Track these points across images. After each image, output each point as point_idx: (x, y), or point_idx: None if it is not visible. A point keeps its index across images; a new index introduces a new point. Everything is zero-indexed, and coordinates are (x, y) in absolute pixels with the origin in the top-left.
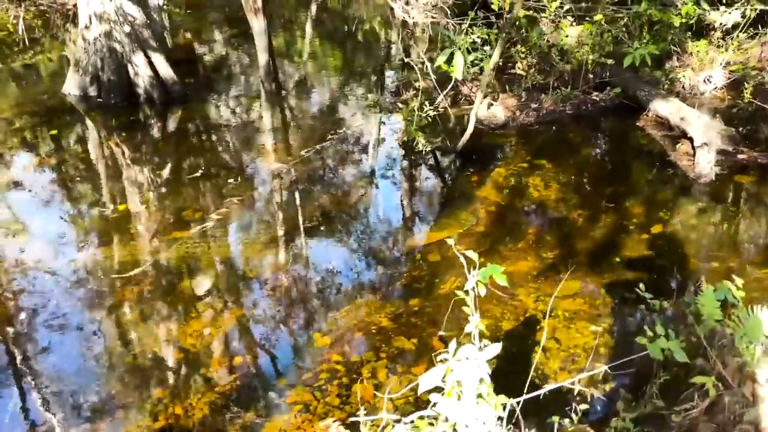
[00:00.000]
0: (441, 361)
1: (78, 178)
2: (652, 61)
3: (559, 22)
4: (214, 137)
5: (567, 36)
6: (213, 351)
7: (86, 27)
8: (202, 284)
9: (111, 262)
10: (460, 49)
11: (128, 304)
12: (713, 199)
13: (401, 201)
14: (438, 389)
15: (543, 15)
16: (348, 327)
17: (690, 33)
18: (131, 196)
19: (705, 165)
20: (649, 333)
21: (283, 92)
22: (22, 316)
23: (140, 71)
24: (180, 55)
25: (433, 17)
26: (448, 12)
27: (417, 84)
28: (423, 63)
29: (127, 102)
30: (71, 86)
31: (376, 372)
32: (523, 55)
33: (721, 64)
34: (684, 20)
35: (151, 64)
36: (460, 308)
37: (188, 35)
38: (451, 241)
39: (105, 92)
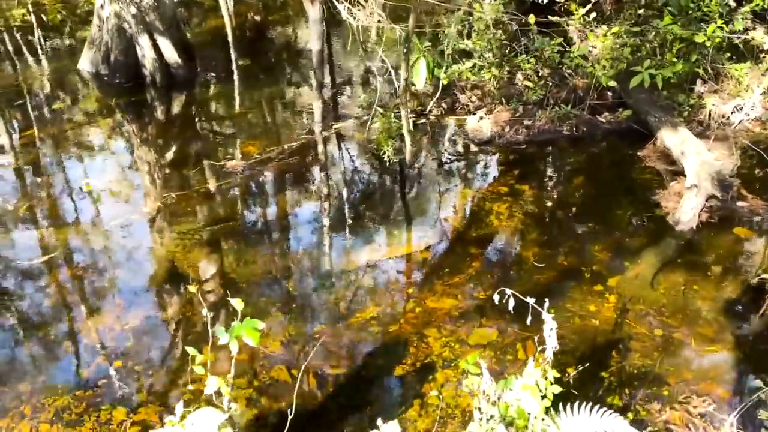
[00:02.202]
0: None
1: (55, 156)
2: (678, 84)
3: (591, 31)
4: (200, 127)
5: (594, 47)
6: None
7: (101, 6)
8: (104, 277)
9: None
10: (425, 55)
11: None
12: (687, 251)
13: (349, 214)
14: None
15: (570, 22)
16: (241, 347)
17: (730, 54)
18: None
19: (688, 210)
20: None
21: (334, 84)
22: None
23: (146, 53)
24: (243, 37)
25: (379, 21)
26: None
27: (413, 88)
28: (387, 70)
29: (133, 83)
30: (85, 63)
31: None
32: (529, 66)
33: (759, 92)
34: (717, 39)
35: (156, 46)
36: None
37: (257, 17)
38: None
39: (112, 71)
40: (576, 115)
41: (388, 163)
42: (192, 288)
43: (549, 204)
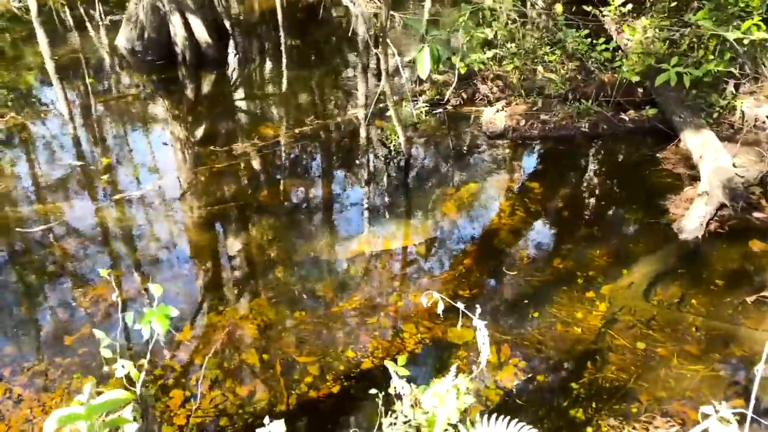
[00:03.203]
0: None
1: (77, 130)
2: (712, 83)
3: (626, 23)
4: (223, 107)
5: (629, 40)
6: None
7: None
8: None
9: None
10: (430, 45)
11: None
12: (689, 262)
13: (344, 202)
14: None
15: (606, 13)
16: (217, 326)
17: None
18: (106, 153)
19: (695, 218)
20: None
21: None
22: None
23: (177, 31)
24: (294, 17)
25: (378, 8)
26: None
27: (434, 77)
28: (392, 57)
29: (165, 60)
30: (122, 39)
31: (196, 384)
32: (554, 57)
33: None
34: (759, 38)
35: (187, 25)
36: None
37: None
38: None
39: (145, 48)
40: (597, 112)
41: (393, 153)
42: (104, 272)
43: (554, 203)
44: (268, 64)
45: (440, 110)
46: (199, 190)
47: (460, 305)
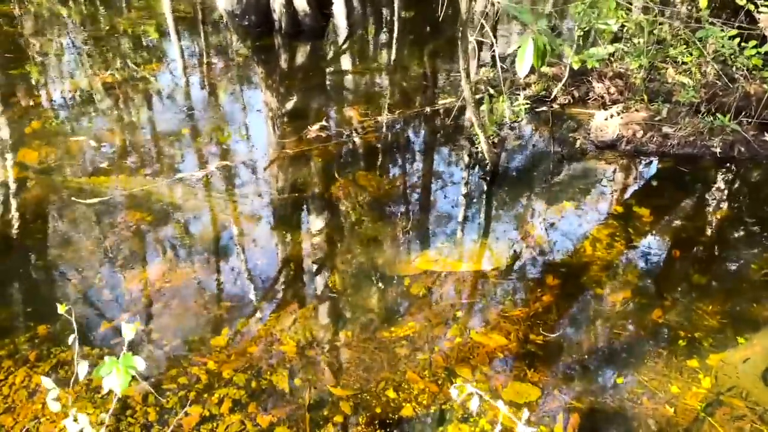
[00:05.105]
0: None
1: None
2: None
3: None
4: (309, 82)
5: None
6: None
7: None
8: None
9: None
10: (535, 37)
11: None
12: None
13: (415, 212)
14: None
15: (762, 9)
16: (255, 335)
17: None
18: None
19: None
20: None
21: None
22: None
23: None
24: None
25: None
26: None
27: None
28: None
29: (263, 27)
30: (222, 1)
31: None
32: (690, 59)
33: None
34: None
35: None
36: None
37: None
38: None
39: (242, 13)
40: (735, 130)
41: (478, 156)
42: (62, 308)
43: (664, 238)
44: (371, 38)
45: (544, 108)
46: (267, 178)
47: (503, 407)
